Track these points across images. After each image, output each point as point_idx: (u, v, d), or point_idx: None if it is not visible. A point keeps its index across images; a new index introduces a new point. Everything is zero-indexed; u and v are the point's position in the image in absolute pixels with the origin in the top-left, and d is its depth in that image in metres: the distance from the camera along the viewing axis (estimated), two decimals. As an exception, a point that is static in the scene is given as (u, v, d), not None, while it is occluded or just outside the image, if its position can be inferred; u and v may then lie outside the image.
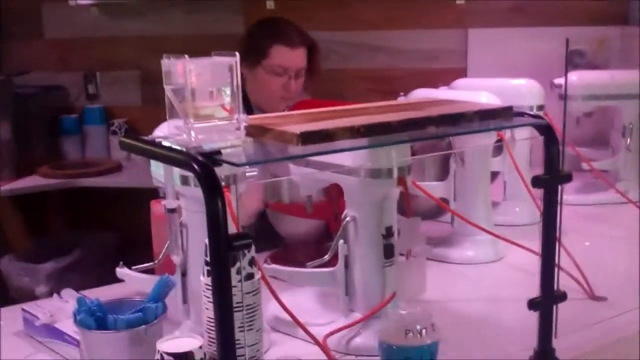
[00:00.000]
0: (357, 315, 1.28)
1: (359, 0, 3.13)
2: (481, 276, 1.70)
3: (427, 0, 3.06)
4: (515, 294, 1.47)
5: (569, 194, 2.34)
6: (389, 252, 1.26)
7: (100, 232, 3.17)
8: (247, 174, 1.21)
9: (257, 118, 1.02)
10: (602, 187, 2.32)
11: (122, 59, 3.35)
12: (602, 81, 2.29)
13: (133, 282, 1.30)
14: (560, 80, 2.31)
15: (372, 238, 1.25)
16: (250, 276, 1.08)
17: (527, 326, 1.19)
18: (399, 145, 1.21)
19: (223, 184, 1.16)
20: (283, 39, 2.28)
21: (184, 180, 1.20)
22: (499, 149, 2.07)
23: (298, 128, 0.94)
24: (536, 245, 1.41)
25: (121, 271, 1.31)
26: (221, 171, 1.16)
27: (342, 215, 1.27)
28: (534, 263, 1.48)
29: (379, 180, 1.21)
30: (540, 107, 2.06)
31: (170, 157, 0.90)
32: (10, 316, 1.43)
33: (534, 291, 1.19)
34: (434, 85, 2.06)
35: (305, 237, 1.68)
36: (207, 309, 1.09)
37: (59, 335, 1.26)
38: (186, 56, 0.90)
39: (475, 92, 1.78)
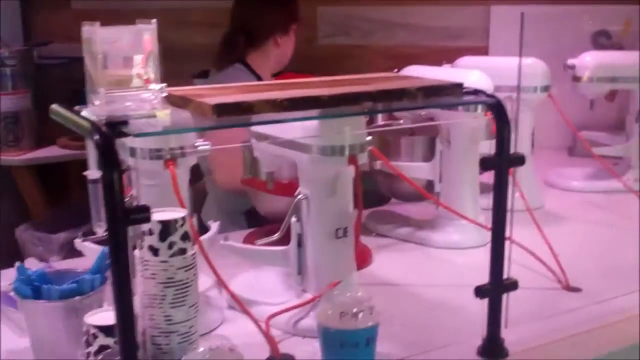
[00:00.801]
0: (308, 296, 1.25)
1: (381, -25, 3.07)
2: (464, 261, 1.65)
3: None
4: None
5: (578, 179, 2.26)
6: (341, 231, 1.23)
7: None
8: (198, 147, 1.21)
9: (183, 90, 1.00)
10: (615, 173, 2.23)
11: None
12: (616, 62, 2.19)
13: (88, 254, 1.30)
14: (573, 61, 2.22)
15: (324, 217, 1.22)
16: (182, 251, 1.06)
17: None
18: (352, 123, 1.17)
19: (168, 156, 1.16)
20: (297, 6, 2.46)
21: (132, 152, 1.19)
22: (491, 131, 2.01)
23: (217, 100, 0.91)
24: (522, 232, 1.37)
25: (78, 243, 1.30)
26: (166, 143, 1.16)
27: (295, 193, 1.24)
28: (520, 250, 1.45)
29: (330, 158, 1.17)
30: (546, 88, 1.98)
31: (81, 126, 0.88)
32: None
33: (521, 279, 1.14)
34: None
35: (284, 215, 1.66)
36: (141, 283, 1.07)
37: (14, 303, 1.27)
38: (97, 23, 0.87)
39: (467, 70, 1.72)
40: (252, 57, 2.39)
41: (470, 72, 1.68)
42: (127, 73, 0.88)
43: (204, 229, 1.31)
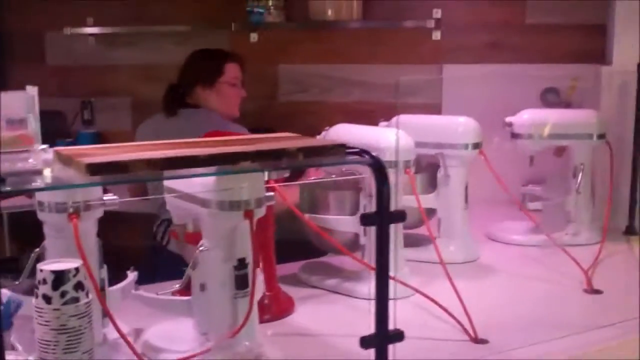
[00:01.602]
0: (210, 344, 1.30)
1: (339, 35, 3.18)
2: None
3: (405, 36, 3.09)
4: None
5: (519, 233, 2.31)
6: (240, 283, 1.29)
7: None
8: (105, 201, 1.28)
9: (70, 149, 1.07)
10: (556, 227, 2.29)
11: (115, 86, 3.47)
12: (552, 120, 2.27)
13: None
14: (511, 118, 2.31)
15: (224, 269, 1.28)
16: (75, 300, 1.12)
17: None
18: (250, 179, 1.24)
19: (71, 210, 1.23)
20: (231, 57, 2.75)
21: (40, 206, 1.25)
22: (432, 185, 2.08)
23: (97, 159, 0.98)
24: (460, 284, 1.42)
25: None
26: (70, 197, 1.23)
27: (198, 245, 1.30)
28: (448, 302, 1.51)
29: (226, 213, 1.24)
30: (476, 145, 2.06)
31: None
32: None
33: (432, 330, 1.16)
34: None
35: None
36: (37, 330, 1.13)
37: None
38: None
39: (387, 129, 1.81)
40: (200, 101, 2.70)
41: (389, 131, 1.77)
42: (9, 135, 0.95)
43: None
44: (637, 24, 2.36)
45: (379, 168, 1.15)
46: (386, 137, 1.71)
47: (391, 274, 1.70)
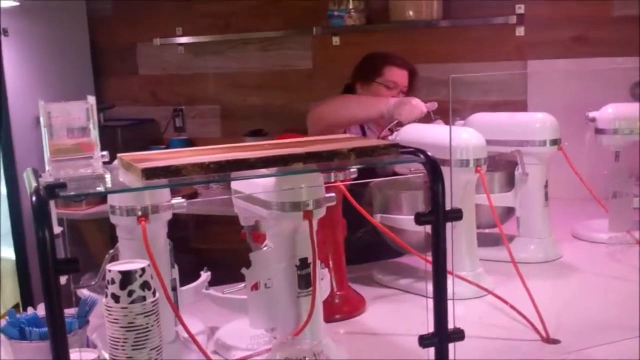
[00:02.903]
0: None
1: (421, 35, 3.17)
2: (460, 312, 1.67)
3: (487, 33, 3.05)
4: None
5: (605, 232, 2.22)
6: (303, 282, 1.31)
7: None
8: (174, 204, 1.34)
9: (131, 155, 1.12)
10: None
11: (204, 94, 3.58)
12: (637, 114, 2.18)
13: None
14: (594, 114, 2.24)
15: (286, 268, 1.31)
16: (142, 299, 1.17)
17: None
18: (307, 180, 1.27)
19: (139, 213, 1.29)
20: (393, 61, 2.72)
21: (112, 210, 1.32)
22: (510, 184, 2.05)
23: (153, 164, 1.03)
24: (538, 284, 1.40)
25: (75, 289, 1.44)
26: (139, 201, 1.29)
27: (262, 245, 1.34)
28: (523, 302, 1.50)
29: (286, 214, 1.27)
30: (555, 142, 2.01)
31: (30, 189, 1.02)
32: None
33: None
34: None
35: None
36: (107, 328, 1.19)
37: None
38: (41, 101, 1.01)
39: (461, 127, 1.80)
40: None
41: (461, 129, 1.75)
42: (70, 142, 1.01)
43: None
44: None
45: (432, 167, 1.15)
46: (457, 136, 1.69)
47: (464, 274, 1.71)
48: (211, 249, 3.34)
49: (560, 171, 2.02)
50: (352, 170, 1.31)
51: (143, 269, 1.18)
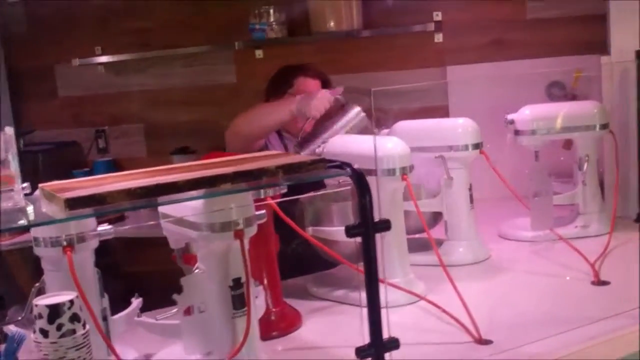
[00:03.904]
0: (215, 365, 1.32)
1: (342, 45, 3.20)
2: (395, 320, 1.69)
3: (407, 41, 3.10)
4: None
5: (529, 230, 2.29)
6: (238, 302, 1.30)
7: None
8: (100, 232, 1.31)
9: (53, 184, 1.10)
10: (565, 221, 2.28)
11: (127, 113, 3.52)
12: (553, 114, 2.26)
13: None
14: (512, 116, 2.31)
15: (220, 290, 1.30)
16: (72, 332, 1.15)
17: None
18: (236, 199, 1.26)
19: (64, 243, 1.26)
20: (304, 71, 2.69)
21: (36, 242, 1.29)
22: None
23: (76, 193, 1.01)
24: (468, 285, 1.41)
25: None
26: (63, 230, 1.26)
27: (194, 267, 1.33)
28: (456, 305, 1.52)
29: (217, 234, 1.26)
30: (477, 145, 2.06)
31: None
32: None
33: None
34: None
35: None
36: (38, 362, 1.16)
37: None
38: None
39: (385, 137, 1.83)
40: None
41: (385, 139, 1.78)
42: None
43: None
44: (634, 12, 2.34)
45: (359, 179, 1.17)
46: (382, 146, 1.72)
47: (395, 281, 1.73)
48: (142, 271, 3.27)
49: (484, 173, 2.07)
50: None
51: (71, 301, 1.16)
